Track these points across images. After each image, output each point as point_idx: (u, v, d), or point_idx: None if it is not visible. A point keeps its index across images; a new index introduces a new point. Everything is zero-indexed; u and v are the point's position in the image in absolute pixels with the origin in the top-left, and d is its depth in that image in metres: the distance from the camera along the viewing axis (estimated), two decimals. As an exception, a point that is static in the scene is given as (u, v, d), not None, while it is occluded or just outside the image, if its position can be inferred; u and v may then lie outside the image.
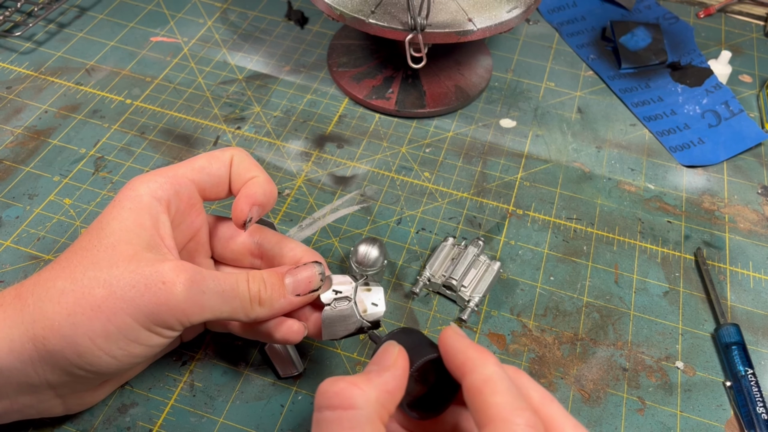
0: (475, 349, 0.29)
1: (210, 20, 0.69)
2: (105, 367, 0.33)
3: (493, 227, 0.52)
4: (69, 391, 0.35)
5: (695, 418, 0.42)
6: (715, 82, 0.64)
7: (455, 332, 0.30)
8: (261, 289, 0.35)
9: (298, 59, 0.65)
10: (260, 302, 0.35)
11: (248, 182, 0.37)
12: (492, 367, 0.28)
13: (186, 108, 0.59)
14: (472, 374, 0.28)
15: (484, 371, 0.27)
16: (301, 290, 0.36)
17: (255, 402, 0.41)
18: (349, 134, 0.58)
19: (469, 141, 0.59)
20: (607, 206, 0.54)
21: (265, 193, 0.37)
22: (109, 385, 0.39)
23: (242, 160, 0.38)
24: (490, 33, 0.54)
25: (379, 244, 0.46)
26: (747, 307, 0.48)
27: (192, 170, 0.37)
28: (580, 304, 0.47)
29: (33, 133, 0.56)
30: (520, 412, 0.26)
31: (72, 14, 0.68)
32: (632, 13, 0.72)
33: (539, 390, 0.29)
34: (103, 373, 0.34)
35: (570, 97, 0.63)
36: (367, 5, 0.53)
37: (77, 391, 0.36)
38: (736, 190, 0.56)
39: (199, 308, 0.33)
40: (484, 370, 0.28)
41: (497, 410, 0.26)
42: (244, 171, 0.38)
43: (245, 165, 0.38)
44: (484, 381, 0.27)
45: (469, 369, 0.28)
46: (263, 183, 0.37)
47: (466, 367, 0.28)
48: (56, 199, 0.51)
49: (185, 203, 0.37)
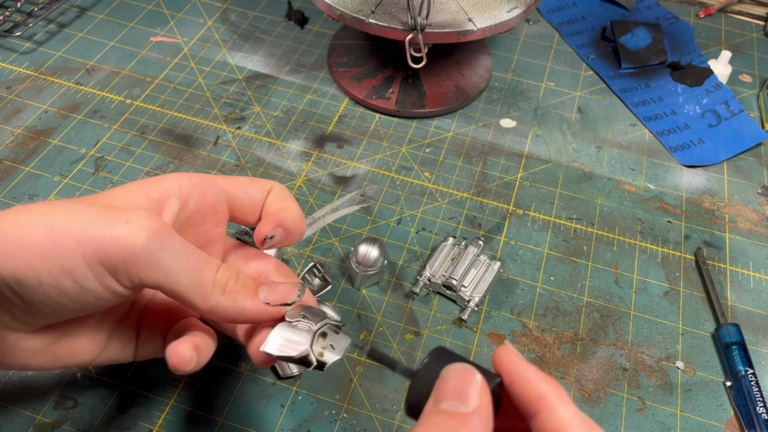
0: (548, 383, 0.26)
1: (210, 20, 0.69)
2: (31, 294, 0.29)
3: (493, 227, 0.52)
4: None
5: (695, 418, 0.42)
6: (715, 82, 0.64)
7: (517, 355, 0.27)
8: (231, 279, 0.32)
9: (298, 59, 0.65)
10: (224, 291, 0.31)
11: (280, 209, 0.36)
12: (571, 409, 0.25)
13: (186, 108, 0.59)
14: (548, 414, 0.25)
15: (563, 413, 0.25)
16: (273, 300, 0.33)
17: (255, 402, 0.41)
18: (349, 134, 0.58)
19: (469, 141, 0.59)
20: (607, 206, 0.54)
21: (293, 222, 0.36)
22: (42, 350, 0.33)
23: (281, 192, 0.37)
24: (490, 33, 0.54)
25: (379, 244, 0.46)
26: (747, 307, 0.48)
27: (229, 182, 0.36)
28: (580, 304, 0.47)
29: (33, 133, 0.56)
30: None
31: (72, 14, 0.68)
32: (632, 13, 0.72)
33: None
34: (29, 302, 0.29)
35: (570, 97, 0.63)
36: (367, 5, 0.53)
37: (3, 324, 0.31)
38: (736, 190, 0.56)
39: (155, 264, 0.29)
40: (563, 413, 0.25)
41: None
42: (280, 201, 0.36)
43: (282, 197, 0.37)
44: (562, 428, 0.25)
45: (544, 407, 0.25)
46: (294, 213, 0.36)
47: (541, 404, 0.26)
48: (56, 200, 0.51)
49: (209, 207, 0.35)
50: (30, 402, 0.40)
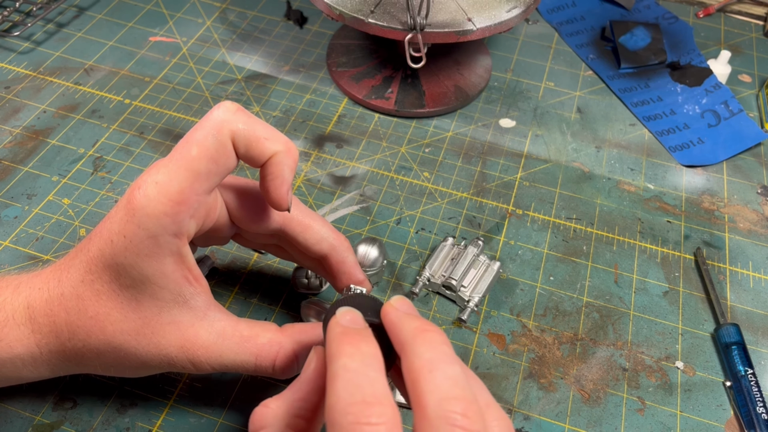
0: (409, 329, 0.28)
1: (209, 20, 0.69)
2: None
3: (493, 227, 0.52)
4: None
5: (695, 418, 0.42)
6: (715, 81, 0.64)
7: (393, 308, 0.30)
8: (275, 363, 0.35)
9: (297, 59, 0.65)
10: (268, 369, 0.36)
11: (272, 165, 0.33)
12: (427, 352, 0.26)
13: (185, 108, 0.59)
14: (405, 358, 0.27)
15: (420, 356, 0.26)
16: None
17: (255, 402, 0.41)
18: (349, 134, 0.58)
19: (469, 141, 0.58)
20: (606, 206, 0.54)
21: (292, 169, 0.34)
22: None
23: (244, 132, 0.32)
24: (489, 33, 0.53)
25: (379, 244, 0.46)
26: (747, 307, 0.48)
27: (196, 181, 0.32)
28: (579, 304, 0.47)
29: (31, 133, 0.56)
30: (455, 402, 0.25)
31: (70, 14, 0.68)
32: (631, 12, 0.72)
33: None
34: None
35: (569, 96, 0.63)
36: (367, 5, 0.53)
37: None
38: (736, 190, 0.56)
39: (217, 356, 0.35)
40: (419, 355, 0.27)
41: (428, 405, 0.25)
42: (254, 142, 0.32)
43: (254, 134, 0.32)
44: (418, 369, 0.26)
45: (405, 352, 0.27)
46: (288, 159, 0.33)
47: (402, 350, 0.27)
48: (55, 199, 0.51)
49: (201, 218, 0.34)
50: (29, 403, 0.40)
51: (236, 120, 0.32)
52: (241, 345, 0.35)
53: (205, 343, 0.34)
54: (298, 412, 0.29)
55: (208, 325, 0.34)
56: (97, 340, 0.33)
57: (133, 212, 0.31)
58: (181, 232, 0.32)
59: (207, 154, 0.31)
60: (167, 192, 0.31)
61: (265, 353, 0.35)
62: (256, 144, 0.32)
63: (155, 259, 0.32)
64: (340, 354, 0.27)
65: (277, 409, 0.29)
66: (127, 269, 0.32)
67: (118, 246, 0.32)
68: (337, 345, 0.27)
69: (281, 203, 0.34)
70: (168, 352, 0.34)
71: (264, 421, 0.29)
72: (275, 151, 0.33)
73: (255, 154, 0.33)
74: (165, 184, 0.31)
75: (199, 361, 0.34)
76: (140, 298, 0.33)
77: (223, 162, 0.32)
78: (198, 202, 0.32)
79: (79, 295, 0.33)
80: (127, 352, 0.33)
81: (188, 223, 0.32)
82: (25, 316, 0.34)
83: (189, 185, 0.31)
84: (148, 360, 0.34)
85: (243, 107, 0.33)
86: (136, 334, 0.33)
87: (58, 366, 0.35)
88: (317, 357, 0.30)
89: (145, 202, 0.31)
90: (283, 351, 0.35)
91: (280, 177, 0.33)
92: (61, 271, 0.34)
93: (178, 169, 0.31)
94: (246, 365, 0.35)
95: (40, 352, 0.34)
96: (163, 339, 0.33)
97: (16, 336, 0.34)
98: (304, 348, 0.35)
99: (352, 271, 0.39)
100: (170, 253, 0.32)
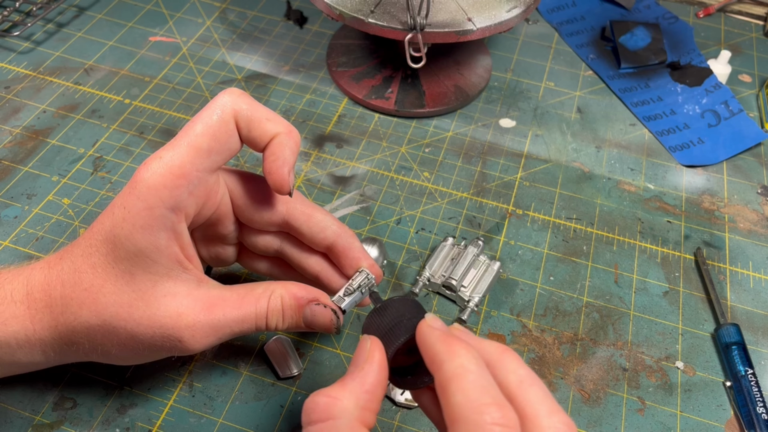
0: (442, 343, 0.28)
1: (209, 20, 0.69)
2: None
3: (493, 227, 0.52)
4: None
5: (695, 418, 0.42)
6: (715, 81, 0.63)
7: (428, 325, 0.29)
8: (278, 323, 0.36)
9: (297, 59, 0.65)
10: (273, 328, 0.36)
11: (274, 146, 0.34)
12: (457, 360, 0.27)
13: (185, 108, 0.59)
14: (438, 373, 0.27)
15: (449, 367, 0.27)
16: (314, 327, 0.36)
17: (254, 402, 0.41)
18: (349, 134, 0.58)
19: (469, 141, 0.58)
20: (606, 206, 0.54)
21: (294, 151, 0.35)
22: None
23: (246, 113, 0.34)
24: (489, 33, 0.53)
25: (379, 244, 0.46)
26: (747, 307, 0.48)
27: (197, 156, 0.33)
28: (579, 304, 0.47)
29: (31, 132, 0.56)
30: (485, 408, 0.25)
31: (70, 14, 0.68)
32: (632, 12, 0.72)
33: (519, 372, 0.28)
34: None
35: (569, 96, 0.63)
36: (367, 5, 0.53)
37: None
38: (736, 190, 0.56)
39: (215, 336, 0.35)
40: (449, 366, 0.27)
41: (459, 411, 0.25)
42: (256, 123, 0.34)
43: (256, 115, 0.34)
44: (449, 379, 0.26)
45: (437, 367, 0.27)
46: (289, 141, 0.34)
47: (434, 365, 0.27)
48: (55, 199, 0.51)
49: (201, 197, 0.35)
50: (29, 403, 0.40)
51: (240, 101, 0.34)
52: (240, 300, 0.35)
53: (206, 305, 0.34)
54: (367, 405, 0.28)
55: (206, 291, 0.35)
56: (89, 312, 0.33)
57: (135, 184, 0.32)
58: (178, 207, 0.33)
59: (210, 131, 0.33)
60: (169, 165, 0.32)
61: (262, 301, 0.35)
62: (258, 124, 0.34)
63: (149, 232, 0.32)
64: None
65: (346, 401, 0.28)
66: (122, 241, 0.33)
67: (117, 217, 0.33)
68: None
69: (282, 184, 0.34)
70: (163, 322, 0.34)
71: (331, 412, 0.28)
72: (276, 132, 0.34)
73: (257, 134, 0.34)
74: (168, 159, 0.32)
75: (199, 325, 0.34)
76: (134, 271, 0.33)
77: (225, 140, 0.33)
78: (198, 179, 0.33)
79: (76, 268, 0.34)
80: (116, 327, 0.33)
81: (187, 199, 0.33)
82: (23, 293, 0.35)
83: (190, 160, 0.33)
84: (139, 334, 0.34)
85: (248, 93, 0.34)
86: (129, 306, 0.33)
87: (50, 347, 0.35)
88: (378, 349, 0.30)
89: (147, 175, 0.32)
90: (275, 296, 0.36)
91: (282, 158, 0.34)
92: (65, 250, 0.35)
93: (181, 144, 0.33)
94: (247, 319, 0.35)
95: (34, 329, 0.34)
96: (158, 310, 0.34)
97: (12, 312, 0.34)
98: (299, 298, 0.36)
99: (360, 256, 0.39)
100: (164, 227, 0.33)
